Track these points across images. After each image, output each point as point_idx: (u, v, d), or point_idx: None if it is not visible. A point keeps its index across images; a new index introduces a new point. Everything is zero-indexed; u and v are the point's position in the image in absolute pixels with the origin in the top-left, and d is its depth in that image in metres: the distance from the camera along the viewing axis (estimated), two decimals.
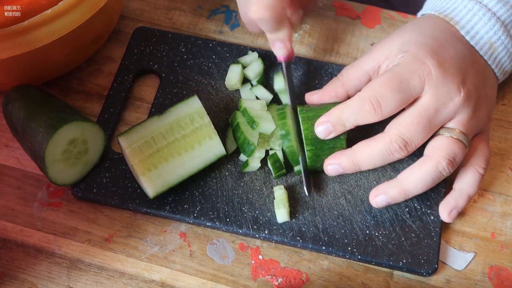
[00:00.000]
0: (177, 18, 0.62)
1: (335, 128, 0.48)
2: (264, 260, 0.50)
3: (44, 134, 0.47)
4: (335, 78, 0.52)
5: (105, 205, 0.51)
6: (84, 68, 0.59)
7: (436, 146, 0.48)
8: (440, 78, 0.47)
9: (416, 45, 0.48)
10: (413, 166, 0.48)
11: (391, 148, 0.47)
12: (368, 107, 0.47)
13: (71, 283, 0.49)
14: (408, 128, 0.47)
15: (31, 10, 0.48)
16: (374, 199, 0.49)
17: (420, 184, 0.48)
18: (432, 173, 0.47)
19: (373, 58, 0.50)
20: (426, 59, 0.47)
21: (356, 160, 0.48)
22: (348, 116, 0.48)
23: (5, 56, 0.49)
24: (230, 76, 0.56)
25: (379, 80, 0.47)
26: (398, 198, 0.49)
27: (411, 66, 0.47)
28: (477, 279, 0.49)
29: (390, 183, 0.49)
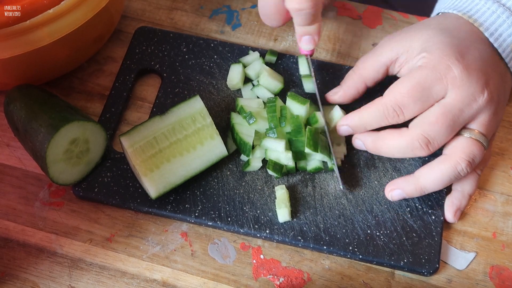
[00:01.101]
0: (179, 18, 0.62)
1: (355, 130, 0.50)
2: (265, 260, 0.50)
3: (45, 134, 0.47)
4: (352, 72, 0.51)
5: (106, 204, 0.51)
6: (85, 68, 0.59)
7: (456, 146, 0.48)
8: (464, 80, 0.46)
9: (441, 44, 0.47)
10: (432, 164, 0.48)
11: (414, 145, 0.47)
12: (392, 114, 0.48)
13: (73, 282, 0.49)
14: (433, 127, 0.47)
15: (33, 10, 0.48)
16: (390, 192, 0.50)
17: (437, 183, 0.48)
18: (450, 173, 0.48)
19: (391, 49, 0.50)
20: (452, 63, 0.46)
21: (378, 145, 0.49)
22: (369, 122, 0.49)
23: (7, 55, 0.49)
24: (232, 75, 0.56)
25: (402, 89, 0.47)
26: (413, 194, 0.49)
27: (435, 71, 0.46)
28: (479, 278, 0.49)
29: (407, 179, 0.49)
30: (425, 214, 0.50)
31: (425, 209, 0.51)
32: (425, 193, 0.49)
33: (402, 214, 0.51)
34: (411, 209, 0.51)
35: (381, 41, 0.51)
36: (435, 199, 0.51)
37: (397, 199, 0.50)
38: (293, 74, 0.57)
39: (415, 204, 0.51)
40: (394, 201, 0.51)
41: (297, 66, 0.58)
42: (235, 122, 0.52)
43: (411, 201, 0.51)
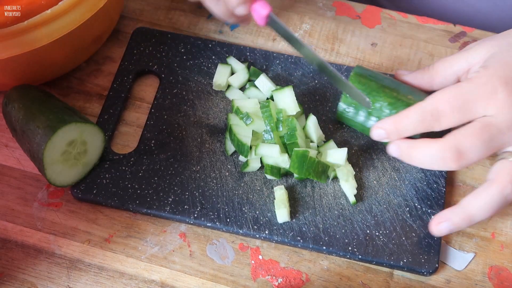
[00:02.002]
0: (177, 18, 0.62)
1: (389, 136, 0.48)
2: (264, 260, 0.50)
3: (43, 135, 0.47)
4: (426, 68, 0.50)
5: (105, 206, 0.51)
6: (84, 68, 0.59)
7: (500, 170, 0.46)
8: (508, 104, 0.45)
9: (498, 63, 0.46)
10: (477, 191, 0.46)
11: (445, 155, 0.45)
12: (429, 119, 0.46)
13: (71, 283, 0.49)
14: (467, 139, 0.45)
15: (30, 10, 0.48)
16: (437, 226, 0.47)
17: (486, 210, 0.46)
18: (497, 198, 0.45)
19: (466, 59, 0.48)
20: (499, 85, 0.45)
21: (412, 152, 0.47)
22: (406, 126, 0.47)
23: (5, 56, 0.49)
24: (218, 76, 0.56)
25: (443, 96, 0.46)
26: (462, 225, 0.46)
27: (480, 89, 0.45)
28: (477, 279, 0.49)
29: (453, 210, 0.47)
30: (424, 214, 0.50)
31: (425, 209, 0.51)
32: (473, 222, 0.46)
33: (401, 214, 0.50)
34: (410, 209, 0.51)
35: (467, 46, 0.50)
36: (434, 199, 0.51)
37: (444, 233, 0.47)
38: (292, 74, 0.57)
39: (414, 204, 0.51)
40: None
41: (295, 66, 0.57)
42: (232, 123, 0.52)
43: (410, 201, 0.51)
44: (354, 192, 0.50)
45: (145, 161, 0.53)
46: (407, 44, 0.60)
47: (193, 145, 0.54)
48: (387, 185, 0.52)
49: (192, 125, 0.54)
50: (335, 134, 0.54)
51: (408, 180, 0.52)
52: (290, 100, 0.52)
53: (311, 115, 0.52)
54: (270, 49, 0.60)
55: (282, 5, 0.63)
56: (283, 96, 0.52)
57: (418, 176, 0.52)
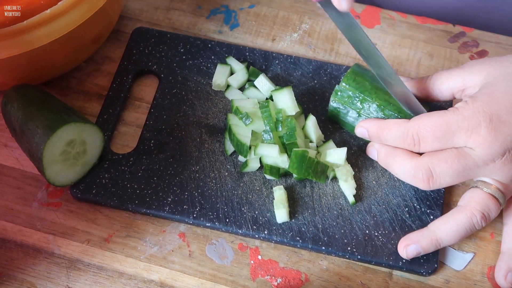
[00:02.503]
0: (177, 18, 0.62)
1: (371, 138, 0.50)
2: (263, 260, 0.50)
3: (42, 135, 0.47)
4: (425, 78, 0.51)
5: (104, 206, 0.51)
6: (83, 68, 0.59)
7: (471, 198, 0.47)
8: (488, 141, 0.45)
9: (488, 96, 0.46)
10: (446, 216, 0.48)
11: (416, 174, 0.47)
12: (409, 141, 0.47)
13: (70, 283, 0.49)
14: (441, 164, 0.46)
15: (30, 10, 0.48)
16: (404, 248, 0.48)
17: (453, 235, 0.47)
18: (465, 225, 0.47)
19: (462, 78, 0.48)
20: (484, 121, 0.45)
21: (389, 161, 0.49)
22: (387, 138, 0.49)
23: (4, 56, 0.49)
24: (217, 76, 0.56)
25: (428, 122, 0.46)
26: (429, 248, 0.48)
27: (465, 122, 0.45)
28: (476, 279, 0.49)
29: (422, 233, 0.48)
30: (423, 214, 0.50)
31: (424, 209, 0.51)
32: (441, 246, 0.48)
33: (400, 214, 0.50)
34: (410, 209, 0.51)
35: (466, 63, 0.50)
36: (434, 199, 0.51)
37: (412, 255, 0.48)
38: (291, 74, 0.57)
39: (414, 204, 0.51)
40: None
41: (295, 66, 0.58)
42: (231, 123, 0.52)
43: (409, 201, 0.51)
44: (353, 192, 0.50)
45: (145, 161, 0.53)
46: (407, 44, 0.60)
47: (192, 145, 0.54)
48: (386, 185, 0.52)
49: (191, 125, 0.54)
50: (335, 134, 0.54)
51: None
52: (289, 100, 0.52)
53: (310, 115, 0.53)
54: (269, 49, 0.60)
55: (281, 5, 0.63)
56: (282, 96, 0.52)
57: None
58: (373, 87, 0.51)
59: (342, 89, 0.52)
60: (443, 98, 0.50)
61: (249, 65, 0.57)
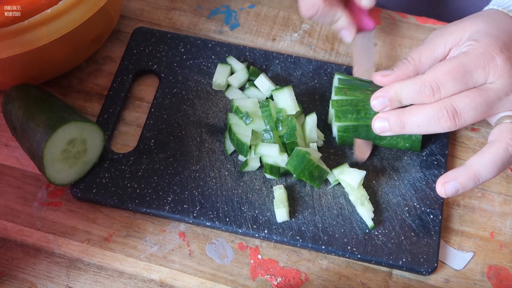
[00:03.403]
0: (177, 18, 0.62)
1: (391, 103, 0.48)
2: (263, 260, 0.50)
3: (43, 134, 0.47)
4: (406, 61, 0.50)
5: (104, 205, 0.51)
6: (84, 67, 0.59)
7: (501, 131, 0.47)
8: (506, 70, 0.46)
9: (487, 36, 0.47)
10: (481, 151, 0.47)
11: (439, 114, 0.46)
12: (428, 92, 0.47)
13: (71, 282, 0.49)
14: (462, 99, 0.46)
15: (31, 10, 0.48)
16: (443, 186, 0.46)
17: (492, 167, 0.46)
18: (502, 156, 0.46)
19: (444, 43, 0.49)
20: (496, 53, 0.47)
21: (403, 118, 0.47)
22: (406, 96, 0.48)
23: (5, 55, 0.49)
24: (217, 76, 0.56)
25: (444, 68, 0.47)
26: (468, 185, 0.46)
27: (479, 59, 0.46)
28: (476, 278, 0.49)
29: (459, 170, 0.47)
30: (423, 213, 0.50)
31: (423, 209, 0.51)
32: (480, 182, 0.46)
33: (400, 214, 0.51)
34: (409, 209, 0.51)
35: (433, 35, 0.51)
36: (433, 199, 0.51)
37: (451, 193, 0.46)
38: (291, 74, 0.57)
39: (413, 203, 0.51)
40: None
41: (295, 66, 0.58)
42: (232, 122, 0.52)
43: (409, 201, 0.51)
44: (372, 216, 0.49)
45: (145, 161, 0.53)
46: (407, 44, 0.60)
47: (192, 144, 0.54)
48: (386, 184, 0.52)
49: (191, 125, 0.55)
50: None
51: (407, 180, 0.52)
52: (290, 100, 0.52)
53: (312, 114, 0.52)
54: (269, 49, 0.60)
55: (281, 4, 0.63)
56: (283, 95, 0.52)
57: (417, 175, 0.52)
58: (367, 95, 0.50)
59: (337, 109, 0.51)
60: None
61: (249, 65, 0.57)
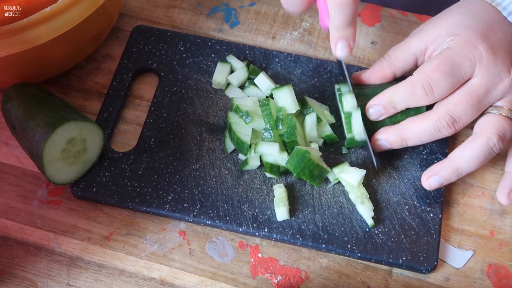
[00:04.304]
0: (177, 16, 0.62)
1: (386, 110, 0.50)
2: (263, 258, 0.50)
3: (42, 133, 0.47)
4: (382, 59, 0.52)
5: (104, 204, 0.52)
6: (83, 66, 0.59)
7: (485, 123, 0.48)
8: (491, 61, 0.47)
9: (466, 27, 0.48)
10: (464, 145, 0.49)
11: (439, 125, 0.48)
12: (420, 92, 0.47)
13: (71, 280, 0.49)
14: (458, 106, 0.47)
15: (30, 8, 0.48)
16: (427, 180, 0.49)
17: (473, 161, 0.48)
18: (484, 149, 0.48)
19: (421, 39, 0.50)
20: (477, 43, 0.47)
21: (404, 136, 0.49)
22: (399, 100, 0.49)
23: (4, 54, 0.49)
24: (217, 74, 0.56)
25: (431, 65, 0.47)
26: (451, 178, 0.49)
27: (463, 50, 0.47)
28: (476, 277, 0.49)
29: (442, 164, 0.49)
30: (423, 212, 0.51)
31: (423, 207, 0.51)
32: (462, 175, 0.49)
33: (400, 212, 0.51)
34: (409, 207, 0.51)
35: (412, 32, 0.52)
36: (433, 197, 0.51)
37: (436, 186, 0.49)
38: (291, 72, 0.57)
39: (413, 202, 0.51)
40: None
41: (295, 65, 0.58)
42: (232, 121, 0.52)
43: (409, 199, 0.51)
44: (372, 214, 0.50)
45: (145, 159, 0.53)
46: None
47: (192, 143, 0.54)
48: (386, 183, 0.52)
49: (191, 123, 0.55)
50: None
51: (407, 179, 0.52)
52: (290, 99, 0.52)
53: (312, 112, 0.52)
54: (269, 47, 0.60)
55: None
56: (283, 94, 0.52)
57: (417, 174, 0.52)
58: None
59: None
60: (408, 67, 0.51)
61: (249, 63, 0.57)
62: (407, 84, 0.48)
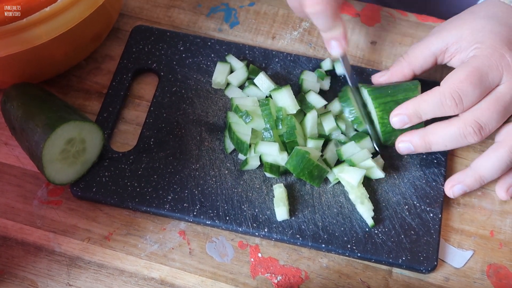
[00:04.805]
0: (177, 16, 0.62)
1: (411, 119, 0.49)
2: (263, 258, 0.50)
3: (42, 133, 0.47)
4: (401, 58, 0.52)
5: (104, 204, 0.52)
6: (83, 66, 0.59)
7: (509, 132, 0.49)
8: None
9: (491, 34, 0.48)
10: (486, 153, 0.49)
11: (465, 131, 0.48)
12: (450, 103, 0.47)
13: (71, 280, 0.49)
14: (484, 113, 0.47)
15: (30, 8, 0.48)
16: (451, 189, 0.50)
17: (495, 170, 0.49)
18: (506, 158, 0.48)
19: (442, 39, 0.50)
20: (504, 51, 0.47)
21: (428, 140, 0.49)
22: (426, 110, 0.48)
23: (4, 54, 0.49)
24: (217, 74, 0.56)
25: (459, 75, 0.47)
26: (474, 186, 0.50)
27: (490, 60, 0.47)
28: (476, 277, 0.49)
29: (465, 172, 0.50)
30: (423, 212, 0.51)
31: (423, 207, 0.51)
32: (484, 183, 0.50)
33: (400, 212, 0.51)
34: (409, 207, 0.51)
35: (432, 30, 0.52)
36: (433, 197, 0.51)
37: (459, 194, 0.50)
38: (291, 72, 0.57)
39: (413, 202, 0.51)
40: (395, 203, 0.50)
41: (294, 65, 0.58)
42: (231, 121, 0.52)
43: (409, 199, 0.51)
44: (372, 214, 0.50)
45: (145, 159, 0.53)
46: (407, 43, 0.60)
47: (192, 143, 0.54)
48: (386, 183, 0.52)
49: (191, 123, 0.55)
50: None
51: (407, 179, 0.52)
52: (289, 99, 0.52)
53: (312, 110, 0.52)
54: (269, 47, 0.60)
55: (281, 2, 0.63)
56: (282, 95, 0.52)
57: (417, 174, 0.52)
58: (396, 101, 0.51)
59: None
60: (427, 66, 0.51)
61: (249, 63, 0.57)
62: (435, 95, 0.48)
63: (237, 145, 0.52)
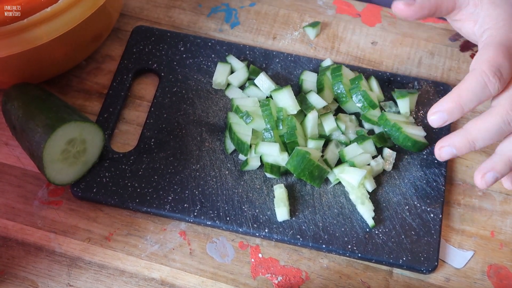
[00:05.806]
0: (177, 16, 0.62)
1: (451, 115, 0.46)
2: (263, 259, 0.50)
3: (42, 134, 0.47)
4: None
5: (105, 204, 0.52)
6: (83, 66, 0.59)
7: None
8: None
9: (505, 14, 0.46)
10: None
11: (508, 117, 0.44)
12: (494, 80, 0.44)
13: (71, 281, 0.49)
14: None
15: (30, 8, 0.48)
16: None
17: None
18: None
19: None
20: None
21: (471, 137, 0.46)
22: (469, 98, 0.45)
23: (5, 54, 0.49)
24: (217, 75, 0.56)
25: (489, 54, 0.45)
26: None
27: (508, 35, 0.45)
28: (476, 277, 0.49)
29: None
30: (423, 212, 0.51)
31: (424, 207, 0.51)
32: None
33: (400, 212, 0.51)
34: (410, 208, 0.51)
35: None
36: (434, 198, 0.51)
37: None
38: (291, 72, 0.57)
39: (414, 202, 0.51)
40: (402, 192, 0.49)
41: (295, 65, 0.58)
42: (232, 121, 0.52)
43: (409, 200, 0.51)
44: (372, 214, 0.49)
45: (145, 160, 0.53)
46: (408, 43, 0.60)
47: (192, 143, 0.54)
48: (387, 183, 0.52)
49: (191, 124, 0.55)
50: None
51: (407, 179, 0.52)
52: (290, 100, 0.52)
53: (313, 111, 0.52)
54: (269, 47, 0.60)
55: (282, 3, 0.63)
56: (282, 96, 0.52)
57: (417, 174, 0.52)
58: None
59: None
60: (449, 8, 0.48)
61: (249, 64, 0.57)
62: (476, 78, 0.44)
63: (237, 146, 0.52)
